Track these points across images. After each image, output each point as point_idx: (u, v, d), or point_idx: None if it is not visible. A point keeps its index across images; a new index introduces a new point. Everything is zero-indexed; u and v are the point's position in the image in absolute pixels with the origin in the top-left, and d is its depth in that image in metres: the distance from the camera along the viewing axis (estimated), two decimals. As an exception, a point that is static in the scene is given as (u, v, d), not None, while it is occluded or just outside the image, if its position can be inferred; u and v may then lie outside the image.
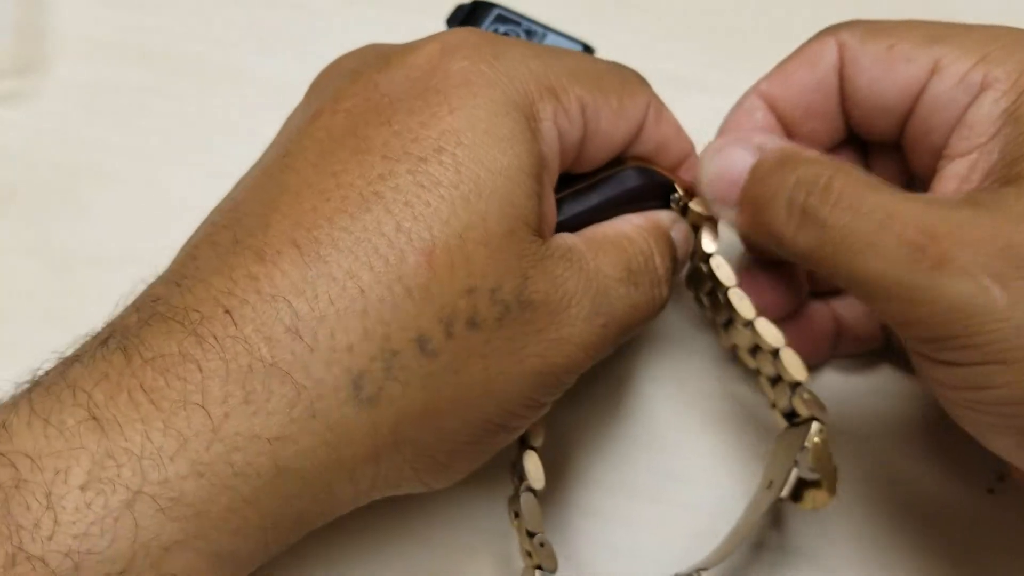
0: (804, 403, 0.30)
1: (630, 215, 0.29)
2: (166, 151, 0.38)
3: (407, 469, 0.25)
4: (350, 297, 0.23)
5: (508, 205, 0.25)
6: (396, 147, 0.25)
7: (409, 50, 0.27)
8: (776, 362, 0.30)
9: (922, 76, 0.27)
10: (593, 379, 0.34)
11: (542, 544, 0.27)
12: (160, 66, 0.40)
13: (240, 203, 0.26)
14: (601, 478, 0.33)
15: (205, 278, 0.24)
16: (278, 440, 0.23)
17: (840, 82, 0.29)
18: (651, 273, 0.28)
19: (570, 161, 0.28)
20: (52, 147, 0.38)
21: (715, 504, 0.33)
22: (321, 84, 0.28)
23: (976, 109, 0.26)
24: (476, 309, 0.24)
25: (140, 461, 0.22)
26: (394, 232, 0.24)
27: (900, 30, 0.28)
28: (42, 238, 0.37)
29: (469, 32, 0.27)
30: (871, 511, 0.32)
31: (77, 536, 0.21)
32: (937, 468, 0.33)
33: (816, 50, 0.29)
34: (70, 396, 0.23)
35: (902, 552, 0.32)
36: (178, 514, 0.22)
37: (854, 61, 0.29)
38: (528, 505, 0.28)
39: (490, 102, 0.25)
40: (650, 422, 0.34)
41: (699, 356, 0.35)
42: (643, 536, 0.32)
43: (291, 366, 0.23)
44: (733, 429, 0.34)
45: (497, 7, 0.38)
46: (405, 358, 0.24)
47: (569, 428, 0.34)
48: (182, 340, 0.23)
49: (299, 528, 0.25)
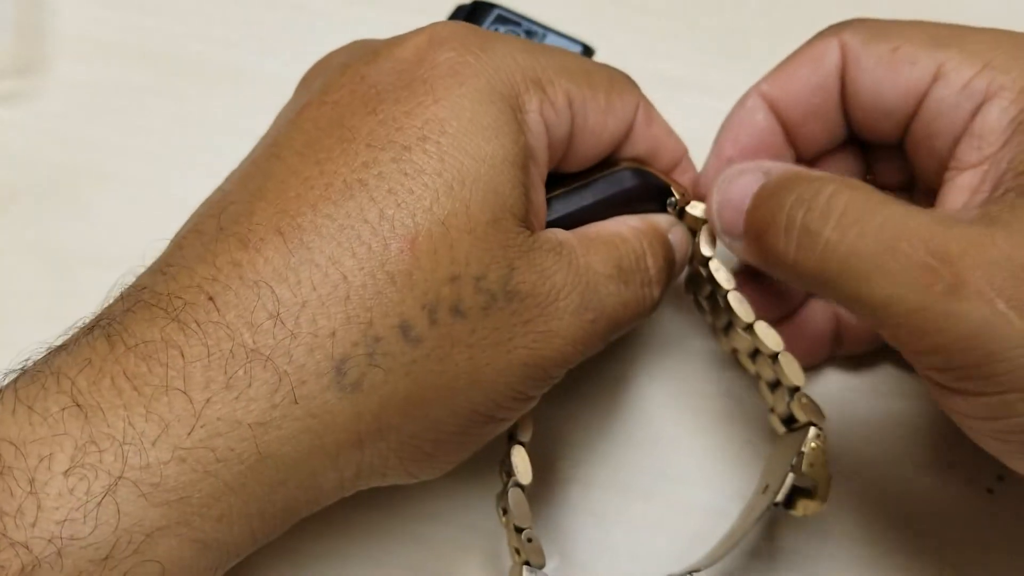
0: (802, 408, 0.30)
1: (627, 216, 0.29)
2: (166, 151, 0.38)
3: (392, 457, 0.25)
4: (332, 283, 0.23)
5: (492, 193, 0.25)
6: (381, 136, 0.25)
7: (397, 42, 0.27)
8: (775, 366, 0.30)
9: (925, 80, 0.27)
10: (590, 378, 0.34)
11: (530, 540, 0.27)
12: (160, 66, 0.40)
13: (226, 192, 0.26)
14: (597, 477, 0.33)
15: (189, 265, 0.24)
16: (260, 426, 0.23)
17: (842, 84, 0.29)
18: (642, 273, 0.28)
19: (559, 156, 0.28)
20: (52, 147, 0.38)
21: (711, 504, 0.33)
22: (310, 78, 0.29)
23: (983, 118, 0.26)
24: (460, 297, 0.24)
25: (122, 447, 0.22)
26: (377, 219, 0.24)
27: (904, 32, 0.28)
28: (42, 238, 0.37)
29: (457, 25, 0.27)
30: (871, 510, 0.32)
31: (60, 522, 0.21)
32: (937, 468, 0.33)
33: (818, 50, 0.29)
34: (54, 383, 0.23)
35: (902, 552, 0.32)
36: (160, 500, 0.22)
37: (856, 62, 0.28)
38: (516, 500, 0.27)
39: (475, 91, 0.25)
40: (647, 421, 0.34)
41: (697, 356, 0.35)
42: (639, 536, 0.32)
43: (273, 352, 0.23)
44: (730, 429, 0.34)
45: (497, 7, 0.38)
46: (388, 344, 0.24)
47: (566, 427, 0.33)
48: (164, 326, 0.23)
49: (285, 517, 0.25)
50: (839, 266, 0.24)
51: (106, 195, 0.38)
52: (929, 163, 0.28)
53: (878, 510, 0.32)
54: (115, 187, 0.38)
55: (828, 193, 0.25)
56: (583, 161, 0.29)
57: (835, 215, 0.24)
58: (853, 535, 0.32)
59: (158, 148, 0.38)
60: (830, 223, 0.24)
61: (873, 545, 0.32)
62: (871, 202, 0.24)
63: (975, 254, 0.22)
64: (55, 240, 0.37)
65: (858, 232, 0.24)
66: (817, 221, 0.25)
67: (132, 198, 0.37)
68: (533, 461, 0.28)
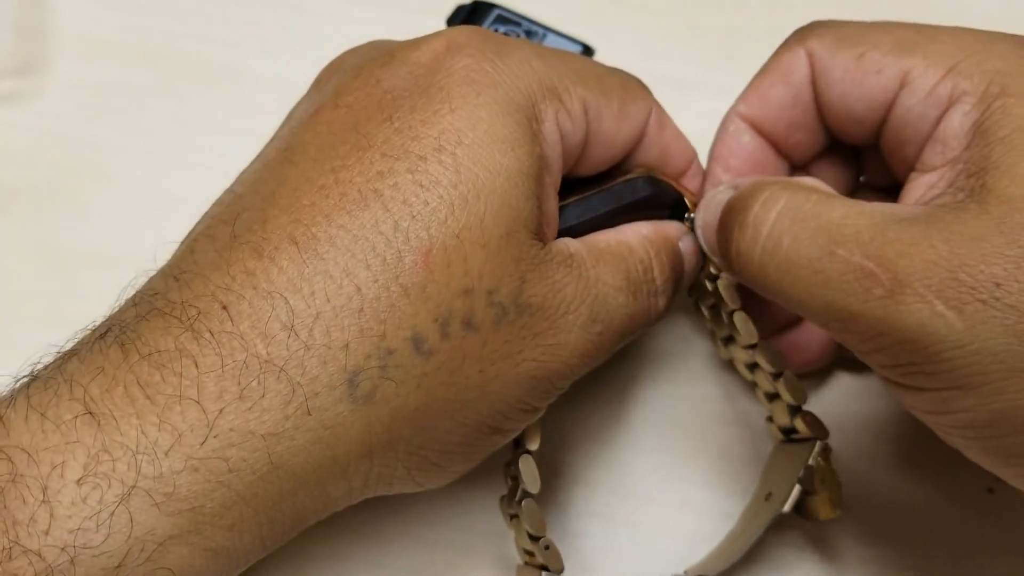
0: (806, 424, 0.30)
1: (638, 224, 0.29)
2: (166, 151, 0.38)
3: (400, 468, 0.25)
4: (346, 295, 0.23)
5: (506, 207, 0.25)
6: (396, 144, 0.25)
7: (413, 46, 0.27)
8: (776, 383, 0.30)
9: (892, 89, 0.27)
10: (594, 381, 0.34)
11: (547, 547, 0.28)
12: (160, 66, 0.40)
13: (239, 197, 0.26)
14: (602, 479, 0.33)
15: (203, 273, 0.24)
16: (273, 436, 0.23)
17: (814, 93, 0.29)
18: (649, 283, 0.28)
19: (572, 163, 0.28)
20: (52, 147, 0.38)
21: (716, 506, 0.33)
22: (324, 79, 0.28)
23: (947, 123, 0.26)
24: (472, 310, 0.24)
25: (135, 456, 0.22)
26: (392, 231, 0.24)
27: (870, 37, 0.27)
28: (42, 238, 0.37)
29: (474, 31, 0.27)
30: (871, 510, 0.32)
31: (73, 531, 0.21)
32: (937, 468, 0.33)
33: (787, 63, 0.29)
34: (67, 390, 0.23)
35: (902, 551, 0.32)
36: (173, 509, 0.22)
37: (824, 73, 0.28)
38: (529, 510, 0.28)
39: (492, 102, 0.25)
40: (651, 423, 0.34)
41: (700, 359, 0.35)
42: (644, 537, 0.32)
43: (286, 363, 0.23)
44: (733, 431, 0.34)
45: (497, 7, 0.38)
46: (400, 357, 0.24)
47: (570, 430, 0.33)
48: (178, 335, 0.23)
49: (295, 524, 0.25)
50: (778, 274, 0.24)
51: (106, 195, 0.37)
52: (902, 167, 0.28)
53: (878, 510, 0.32)
54: (115, 187, 0.38)
55: (761, 200, 0.25)
56: (596, 166, 0.29)
57: (767, 223, 0.25)
58: (853, 535, 0.32)
59: (158, 148, 0.38)
60: (763, 232, 0.25)
61: (873, 545, 0.32)
62: (808, 204, 0.24)
63: (912, 255, 0.23)
64: (55, 240, 0.37)
65: (792, 239, 0.24)
66: (750, 232, 0.25)
67: (132, 198, 0.37)
68: (537, 462, 0.28)
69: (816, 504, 0.30)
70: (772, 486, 0.31)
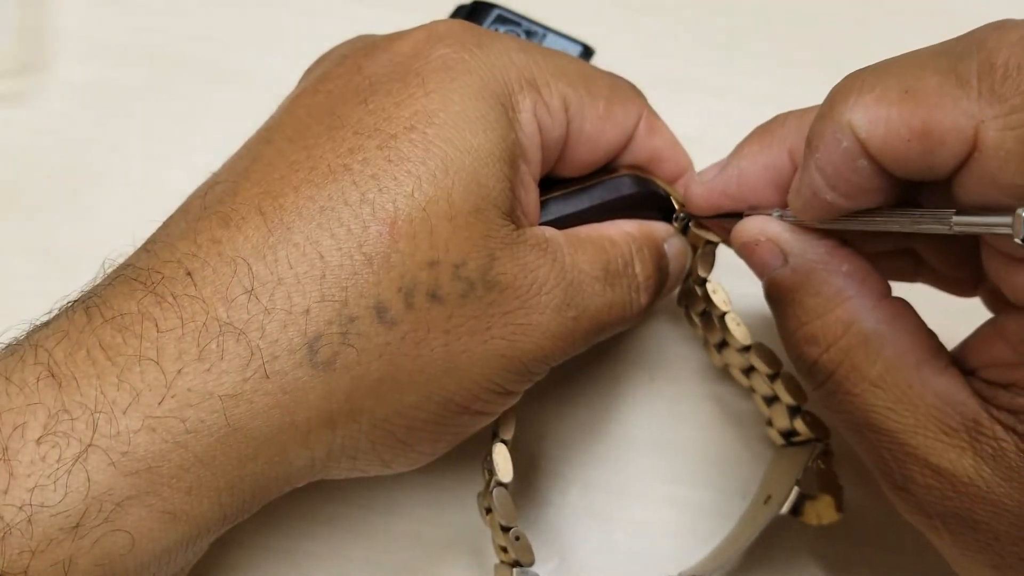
0: (806, 425, 0.30)
1: (623, 221, 0.29)
2: (166, 151, 0.38)
3: (364, 440, 0.25)
4: (309, 262, 0.24)
5: (475, 184, 0.25)
6: (369, 124, 0.25)
7: (396, 37, 0.27)
8: (773, 385, 0.30)
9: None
10: (590, 381, 0.34)
11: (517, 538, 0.27)
12: (160, 66, 0.40)
13: (215, 174, 0.26)
14: (597, 479, 0.33)
15: (171, 242, 0.25)
16: (231, 398, 0.23)
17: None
18: (629, 277, 0.28)
19: (554, 159, 0.28)
20: (52, 147, 0.38)
21: (711, 505, 0.33)
22: (311, 68, 0.29)
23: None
24: (438, 282, 0.24)
25: (93, 415, 0.22)
26: (358, 202, 0.24)
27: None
28: (42, 238, 0.37)
29: (456, 23, 0.27)
30: (871, 510, 0.32)
31: (30, 489, 0.21)
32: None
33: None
34: (31, 355, 0.23)
35: (902, 551, 0.32)
36: (129, 468, 0.22)
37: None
38: (500, 499, 0.27)
39: (466, 86, 0.26)
40: (647, 423, 0.34)
41: (695, 358, 0.35)
42: (639, 537, 0.32)
43: (247, 326, 0.23)
44: (729, 431, 0.34)
45: (497, 7, 0.38)
46: (362, 325, 0.24)
47: (565, 429, 0.33)
48: (141, 299, 0.23)
49: (255, 493, 0.25)
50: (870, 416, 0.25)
51: (106, 195, 0.38)
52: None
53: (878, 509, 0.32)
54: (115, 187, 0.38)
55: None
56: (580, 166, 0.29)
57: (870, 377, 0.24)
58: (853, 535, 0.32)
59: (158, 148, 0.38)
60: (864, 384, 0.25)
61: (873, 544, 0.32)
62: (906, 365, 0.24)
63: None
64: (55, 240, 0.37)
65: (895, 399, 0.24)
66: (852, 376, 0.25)
67: (132, 198, 0.37)
68: (533, 463, 0.28)
69: (817, 507, 0.30)
70: (772, 489, 0.31)
